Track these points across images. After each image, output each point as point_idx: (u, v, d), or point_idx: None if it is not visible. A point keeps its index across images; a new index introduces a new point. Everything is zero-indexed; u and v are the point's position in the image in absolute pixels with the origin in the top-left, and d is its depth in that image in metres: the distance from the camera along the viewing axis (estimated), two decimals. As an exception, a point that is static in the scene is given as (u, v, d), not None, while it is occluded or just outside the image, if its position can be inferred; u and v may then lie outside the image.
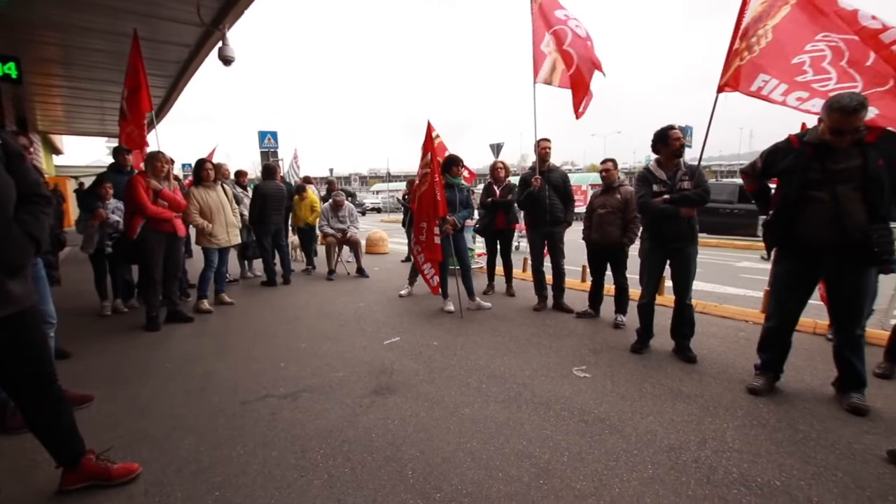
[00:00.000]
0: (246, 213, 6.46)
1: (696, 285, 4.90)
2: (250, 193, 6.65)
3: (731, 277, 7.05)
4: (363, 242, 8.81)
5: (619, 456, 2.29)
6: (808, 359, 3.37)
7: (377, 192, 41.53)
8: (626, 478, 2.12)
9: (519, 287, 5.90)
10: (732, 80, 3.16)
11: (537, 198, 4.86)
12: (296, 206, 7.33)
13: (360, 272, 7.16)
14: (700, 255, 3.66)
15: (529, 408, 2.79)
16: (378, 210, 32.98)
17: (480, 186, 7.57)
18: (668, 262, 3.61)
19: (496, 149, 13.90)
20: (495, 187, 5.64)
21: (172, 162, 4.75)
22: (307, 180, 9.17)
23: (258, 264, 7.11)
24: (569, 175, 5.39)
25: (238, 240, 5.52)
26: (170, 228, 4.42)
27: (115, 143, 9.12)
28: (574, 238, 5.31)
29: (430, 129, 4.75)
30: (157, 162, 4.39)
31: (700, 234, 3.75)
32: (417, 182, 4.98)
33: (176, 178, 5.17)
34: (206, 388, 3.12)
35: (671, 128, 3.56)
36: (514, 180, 5.49)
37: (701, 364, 3.46)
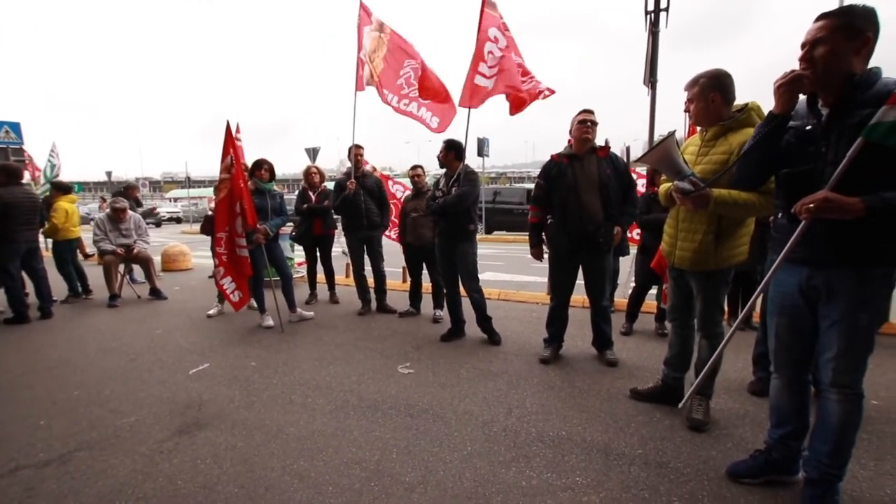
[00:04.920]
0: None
1: (499, 276, 5.54)
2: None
3: (525, 267, 8.26)
4: (158, 259, 7.54)
5: (442, 441, 2.48)
6: (580, 328, 4.18)
7: (175, 199, 35.84)
8: (448, 459, 2.31)
9: (343, 293, 5.84)
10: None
11: (353, 203, 4.89)
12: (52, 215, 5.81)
13: (155, 293, 6.09)
14: (499, 248, 4.25)
15: (357, 413, 2.81)
16: (178, 220, 28.47)
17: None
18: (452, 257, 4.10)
19: (312, 153, 13.46)
20: (310, 193, 5.46)
21: None
22: (130, 188, 7.48)
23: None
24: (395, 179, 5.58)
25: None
26: None
27: None
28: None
29: (229, 129, 4.33)
30: None
31: (498, 231, 4.31)
32: (217, 188, 4.47)
33: None
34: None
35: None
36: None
37: (505, 344, 3.99)
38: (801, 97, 1.76)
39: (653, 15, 5.88)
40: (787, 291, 1.88)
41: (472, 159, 4.00)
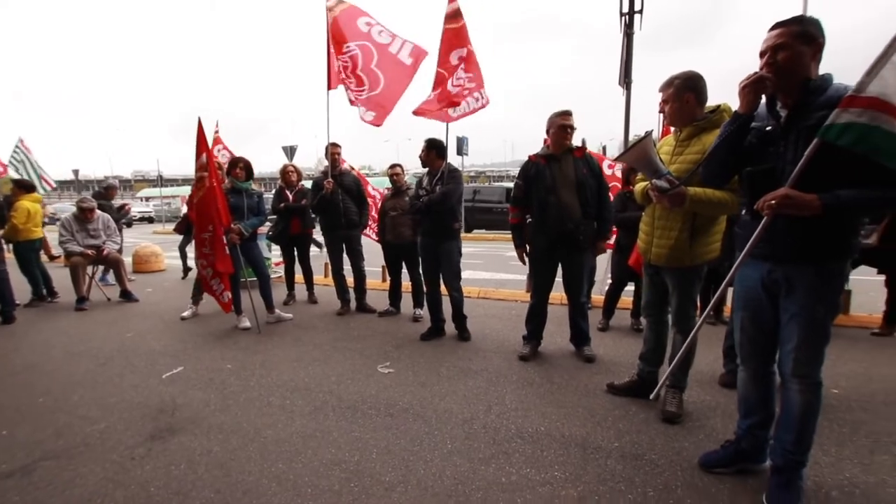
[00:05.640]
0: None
1: (478, 274, 5.55)
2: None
3: (504, 265, 8.33)
4: (129, 260, 7.31)
5: (422, 440, 2.48)
6: (559, 325, 4.23)
7: (146, 198, 34.78)
8: (428, 458, 2.31)
9: (321, 293, 5.78)
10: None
11: (331, 202, 4.84)
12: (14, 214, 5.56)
13: (126, 296, 5.91)
14: (478, 247, 4.26)
15: (337, 414, 2.78)
16: (150, 220, 27.64)
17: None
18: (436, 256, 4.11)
19: (289, 151, 13.26)
20: (287, 192, 5.38)
21: None
22: (109, 189, 7.19)
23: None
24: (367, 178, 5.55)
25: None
26: None
27: None
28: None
29: (202, 127, 4.23)
30: None
31: (478, 230, 4.34)
32: (194, 187, 4.37)
33: None
34: None
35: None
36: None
37: (484, 341, 4.02)
38: (763, 99, 1.84)
39: (627, 17, 5.99)
40: (751, 286, 1.96)
41: (451, 158, 4.00)
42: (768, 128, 1.82)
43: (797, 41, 1.69)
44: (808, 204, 1.64)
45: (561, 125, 3.32)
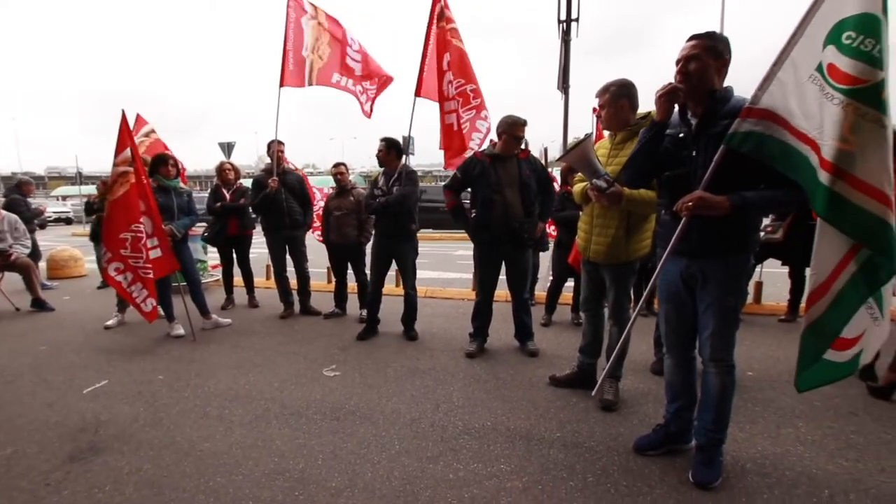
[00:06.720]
0: None
1: (425, 273, 5.56)
2: None
3: (451, 264, 8.40)
4: (42, 265, 6.64)
5: (369, 442, 2.46)
6: (503, 321, 4.31)
7: (63, 197, 31.71)
8: (376, 460, 2.30)
9: (263, 296, 5.54)
10: None
11: (274, 200, 4.67)
12: None
13: (38, 305, 5.36)
14: (425, 246, 4.25)
15: (280, 421, 2.69)
16: (67, 221, 25.22)
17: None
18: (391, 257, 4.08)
19: (226, 148, 12.60)
20: (224, 191, 5.12)
21: None
22: (23, 185, 6.38)
23: None
24: (309, 177, 5.39)
25: None
26: None
27: None
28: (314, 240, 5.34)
29: (125, 120, 3.92)
30: None
31: (425, 229, 4.36)
32: (111, 185, 4.00)
33: None
34: None
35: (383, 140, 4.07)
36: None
37: (432, 340, 4.05)
38: (676, 108, 2.00)
39: (565, 24, 6.23)
40: (671, 280, 2.13)
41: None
42: (681, 134, 2.00)
43: (707, 54, 1.86)
44: (719, 205, 1.81)
45: (515, 136, 3.40)
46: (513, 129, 3.38)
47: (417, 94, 4.19)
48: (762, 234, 4.12)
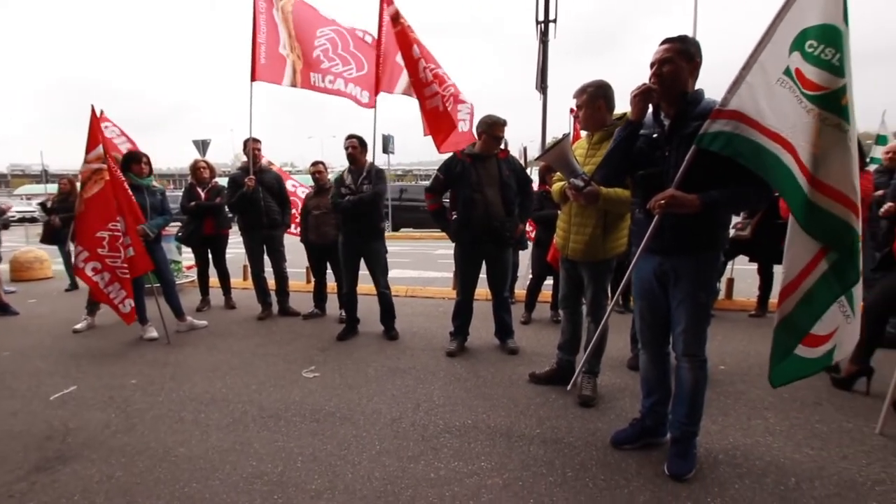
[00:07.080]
0: None
1: (405, 272, 5.55)
2: None
3: (432, 263, 8.40)
4: (4, 267, 6.37)
5: (350, 443, 2.44)
6: (483, 320, 4.34)
7: (28, 196, 30.49)
8: (356, 461, 2.28)
9: (240, 297, 5.44)
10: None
11: (252, 200, 4.59)
12: None
13: (1, 309, 5.14)
14: (405, 246, 4.26)
15: (258, 424, 2.65)
16: (32, 220, 24.24)
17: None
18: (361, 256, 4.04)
19: (201, 146, 12.31)
20: (199, 189, 5.00)
21: None
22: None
23: None
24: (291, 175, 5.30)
25: None
26: None
27: None
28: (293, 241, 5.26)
29: (94, 115, 3.79)
30: None
31: (405, 228, 4.33)
32: (84, 182, 3.87)
33: None
34: None
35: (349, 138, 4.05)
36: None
37: (413, 339, 4.04)
38: (651, 109, 2.05)
39: (543, 25, 6.29)
40: (645, 277, 2.18)
41: (377, 156, 3.94)
42: (654, 135, 2.05)
43: (681, 57, 1.92)
44: (690, 203, 1.87)
45: (495, 136, 3.42)
46: (493, 129, 3.40)
47: (377, 90, 4.23)
48: (732, 231, 4.26)
